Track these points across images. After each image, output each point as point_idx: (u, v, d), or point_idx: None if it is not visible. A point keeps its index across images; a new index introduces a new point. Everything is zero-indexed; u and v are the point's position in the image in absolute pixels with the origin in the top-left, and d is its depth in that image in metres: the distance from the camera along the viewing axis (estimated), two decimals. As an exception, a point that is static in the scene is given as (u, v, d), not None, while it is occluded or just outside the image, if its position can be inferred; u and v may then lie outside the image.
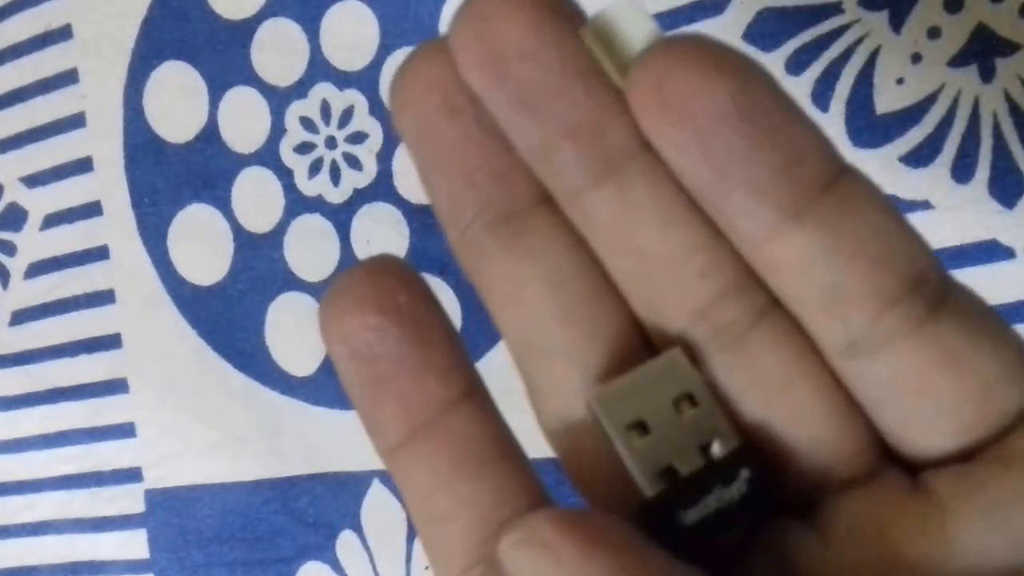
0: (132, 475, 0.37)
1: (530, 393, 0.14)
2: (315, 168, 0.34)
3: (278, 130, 0.35)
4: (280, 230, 0.35)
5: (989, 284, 0.26)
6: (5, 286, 0.40)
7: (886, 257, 0.12)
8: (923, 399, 0.12)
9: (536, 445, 0.15)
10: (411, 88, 0.13)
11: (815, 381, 0.12)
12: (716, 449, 0.12)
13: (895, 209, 0.12)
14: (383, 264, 0.13)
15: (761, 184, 0.11)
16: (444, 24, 0.32)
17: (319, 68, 0.34)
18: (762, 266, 0.12)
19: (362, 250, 0.33)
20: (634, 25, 0.12)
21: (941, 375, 0.12)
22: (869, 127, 0.27)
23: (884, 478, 0.12)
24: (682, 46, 0.11)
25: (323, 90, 0.34)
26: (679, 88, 0.11)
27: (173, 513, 0.36)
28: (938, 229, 0.26)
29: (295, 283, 0.35)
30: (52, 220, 0.39)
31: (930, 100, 0.26)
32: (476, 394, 0.14)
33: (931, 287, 0.12)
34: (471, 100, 0.12)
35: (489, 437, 0.14)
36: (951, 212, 0.26)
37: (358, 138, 0.33)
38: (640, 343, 0.13)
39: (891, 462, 0.13)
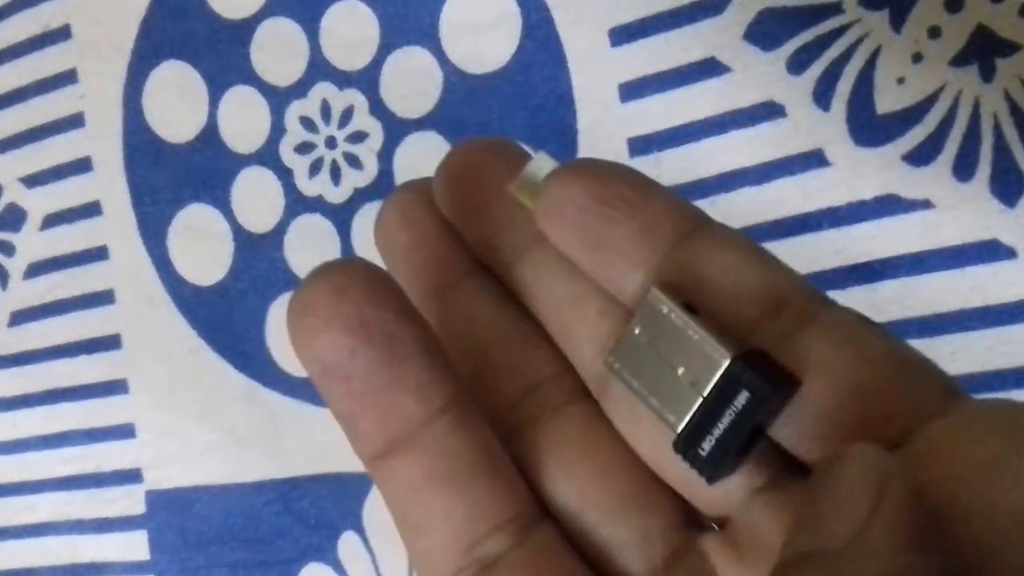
0: (132, 476, 0.37)
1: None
2: (315, 168, 0.34)
3: (278, 130, 0.35)
4: (280, 230, 0.35)
5: (990, 283, 0.26)
6: (4, 286, 0.40)
7: (741, 288, 0.13)
8: (796, 404, 0.13)
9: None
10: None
11: None
12: (708, 375, 0.13)
13: (753, 246, 0.14)
14: (349, 274, 0.14)
15: (625, 250, 0.14)
16: (444, 24, 0.32)
17: (319, 68, 0.34)
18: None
19: (363, 250, 0.33)
20: (546, 171, 0.15)
21: (808, 381, 0.13)
22: (870, 126, 0.27)
23: (785, 485, 0.14)
24: (558, 171, 0.15)
25: (323, 90, 0.34)
26: (554, 198, 0.14)
27: (174, 514, 0.36)
28: (939, 228, 0.26)
29: (295, 283, 0.34)
30: (52, 220, 0.39)
31: (931, 100, 0.26)
32: (457, 405, 0.14)
33: (794, 308, 0.13)
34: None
35: (468, 450, 0.14)
36: (952, 211, 0.26)
37: (358, 137, 0.33)
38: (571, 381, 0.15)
39: (792, 471, 0.14)
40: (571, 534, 0.15)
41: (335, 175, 0.34)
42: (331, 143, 0.34)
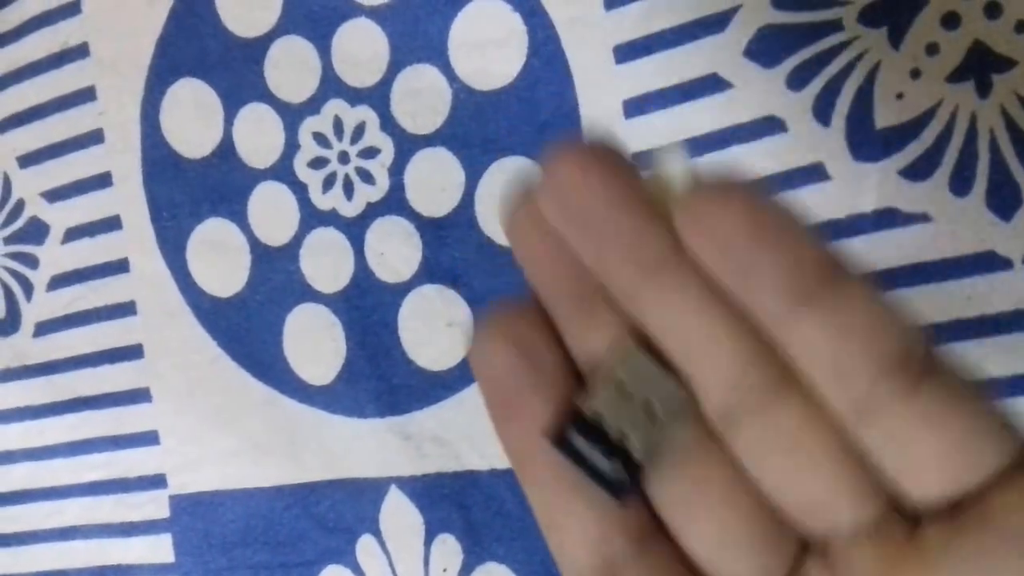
0: (157, 481, 0.38)
1: None
2: (329, 182, 0.35)
3: (292, 146, 0.35)
4: (296, 243, 0.36)
5: (987, 294, 0.26)
6: (29, 298, 0.41)
7: (879, 338, 0.14)
8: (912, 452, 0.14)
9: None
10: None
11: (824, 440, 0.14)
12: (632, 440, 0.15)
13: (887, 301, 0.15)
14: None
15: (775, 280, 0.14)
16: (452, 42, 0.33)
17: (331, 85, 0.35)
18: (782, 344, 0.14)
19: (376, 262, 0.34)
20: (673, 163, 0.16)
21: (925, 432, 0.14)
22: (869, 141, 0.27)
23: (888, 527, 0.14)
24: (707, 191, 0.15)
25: (335, 106, 0.35)
26: (701, 218, 0.15)
27: (197, 518, 0.37)
28: (937, 240, 0.27)
29: (311, 295, 0.35)
30: (73, 234, 0.40)
31: (929, 115, 0.27)
32: None
33: (918, 361, 0.14)
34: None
35: None
36: (950, 224, 0.26)
37: (370, 153, 0.34)
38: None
39: (894, 513, 0.15)
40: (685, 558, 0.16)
41: (348, 190, 0.35)
42: (344, 158, 0.35)
